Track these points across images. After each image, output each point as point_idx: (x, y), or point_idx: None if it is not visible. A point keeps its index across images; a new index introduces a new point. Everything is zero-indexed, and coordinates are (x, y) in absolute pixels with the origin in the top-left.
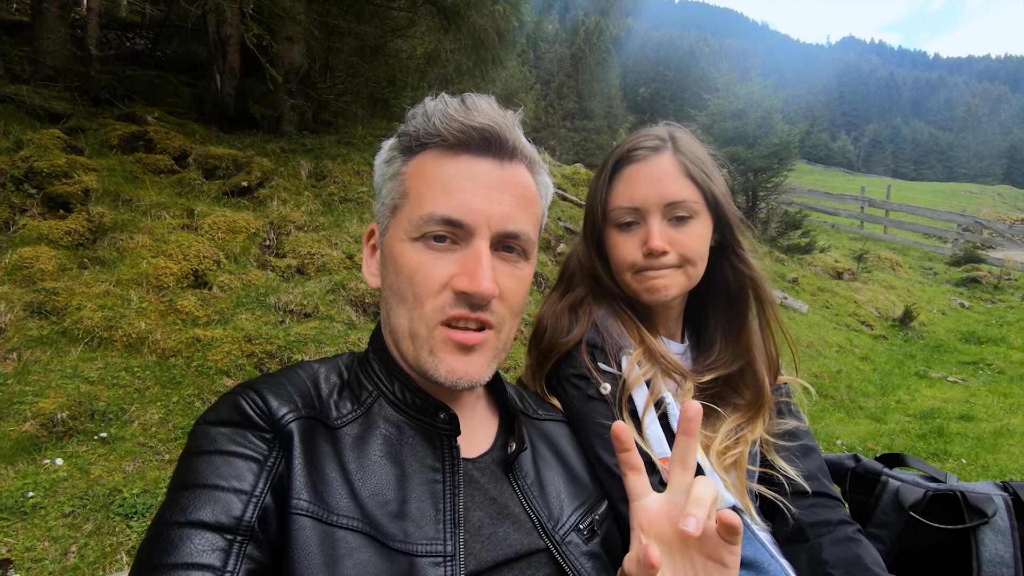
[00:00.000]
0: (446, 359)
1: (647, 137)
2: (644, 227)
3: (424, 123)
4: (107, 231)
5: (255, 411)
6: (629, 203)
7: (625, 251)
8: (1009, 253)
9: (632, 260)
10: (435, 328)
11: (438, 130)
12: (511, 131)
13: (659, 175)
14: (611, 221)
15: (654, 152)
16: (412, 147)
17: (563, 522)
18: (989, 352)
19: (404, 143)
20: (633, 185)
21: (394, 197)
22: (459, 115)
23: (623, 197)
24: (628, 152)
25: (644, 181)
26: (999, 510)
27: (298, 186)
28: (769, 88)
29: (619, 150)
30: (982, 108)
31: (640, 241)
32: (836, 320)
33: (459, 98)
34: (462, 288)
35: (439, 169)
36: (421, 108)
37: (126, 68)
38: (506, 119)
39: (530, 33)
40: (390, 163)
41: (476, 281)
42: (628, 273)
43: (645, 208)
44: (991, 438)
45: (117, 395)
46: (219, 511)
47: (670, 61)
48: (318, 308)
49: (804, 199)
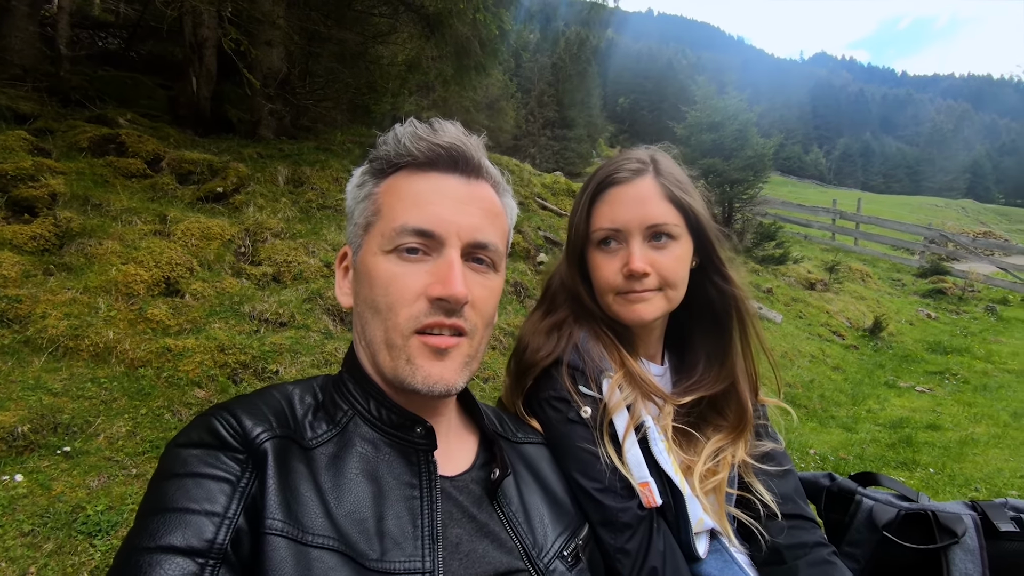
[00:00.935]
0: (423, 365)
1: (629, 160)
2: (625, 249)
3: (395, 145)
4: (75, 236)
5: (229, 432)
6: (611, 225)
7: (606, 272)
8: (972, 265)
9: (613, 282)
10: (410, 337)
11: (408, 150)
12: (477, 151)
13: (641, 198)
14: (593, 242)
15: (636, 175)
16: (384, 169)
17: (547, 549)
18: (954, 362)
19: (376, 167)
20: (615, 207)
21: (367, 216)
22: (427, 135)
23: (605, 219)
24: (610, 175)
25: (626, 203)
26: (968, 530)
27: (275, 192)
28: (745, 102)
29: (601, 172)
30: (947, 125)
31: (621, 263)
32: (809, 330)
33: (427, 122)
34: (436, 294)
35: (410, 185)
36: (391, 134)
37: (98, 69)
38: (471, 140)
39: (512, 43)
40: (362, 187)
41: (449, 285)
42: (610, 295)
43: (627, 230)
44: (957, 447)
45: (82, 407)
46: (190, 535)
47: (649, 73)
48: (294, 317)
49: (778, 211)
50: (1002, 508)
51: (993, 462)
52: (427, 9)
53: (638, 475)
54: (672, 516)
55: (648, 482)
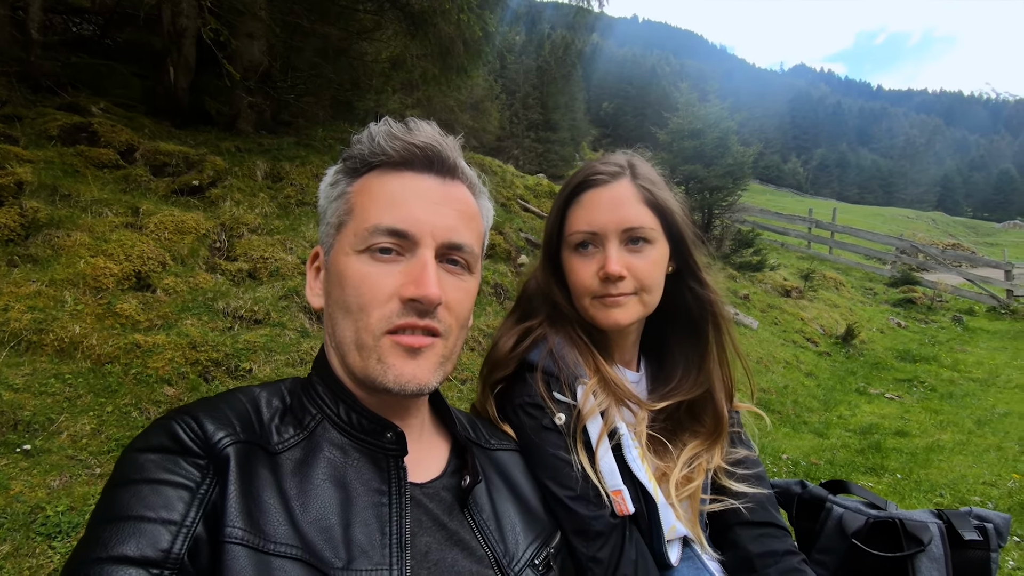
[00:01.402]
0: (394, 364)
1: (606, 163)
2: (602, 252)
3: (369, 144)
4: (41, 227)
5: (189, 436)
6: (588, 227)
7: (583, 275)
8: (941, 276)
9: (589, 285)
10: (381, 337)
11: (383, 149)
12: (452, 151)
13: (617, 200)
14: (569, 245)
15: (613, 178)
16: (358, 168)
17: (519, 557)
18: (922, 370)
19: (350, 166)
20: (591, 210)
21: (339, 215)
22: (402, 135)
23: (582, 221)
24: (587, 177)
25: (602, 206)
26: (934, 538)
27: (253, 187)
28: (726, 110)
29: (578, 175)
30: (919, 139)
31: (598, 266)
32: (784, 336)
33: (402, 121)
34: (409, 295)
35: (384, 185)
36: (366, 132)
37: (71, 55)
38: (447, 141)
39: (497, 44)
40: (335, 186)
41: (423, 286)
42: (586, 298)
43: (603, 233)
44: (923, 453)
45: (45, 404)
46: (144, 544)
47: (633, 78)
48: (269, 315)
49: (756, 218)
50: (966, 517)
51: (958, 468)
52: (412, 7)
53: (611, 483)
54: (645, 524)
55: (621, 490)
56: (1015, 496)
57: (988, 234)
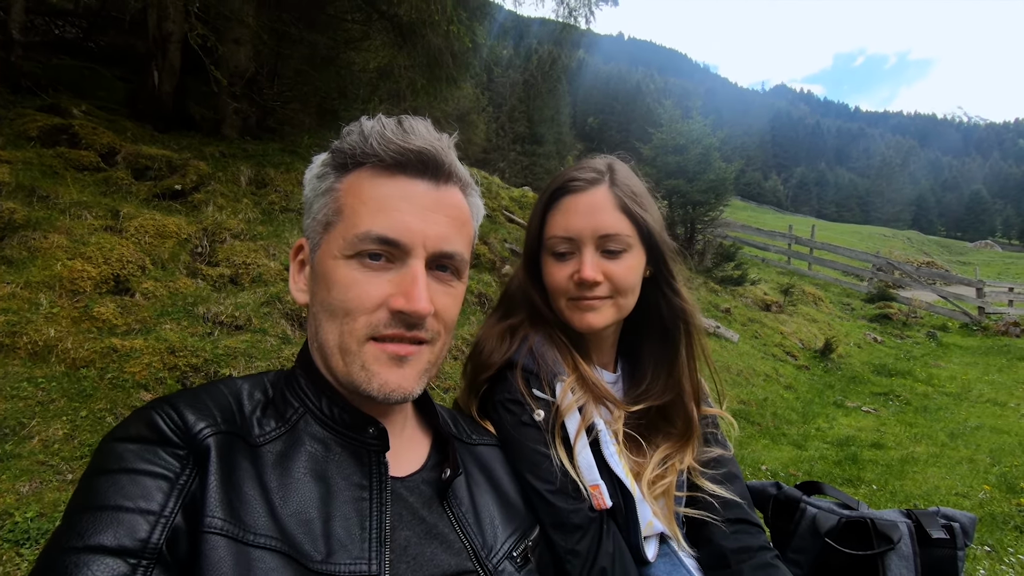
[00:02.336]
0: (379, 372)
1: (585, 169)
2: (578, 257)
3: (360, 142)
4: (17, 228)
5: (169, 426)
6: (565, 233)
7: (558, 279)
8: (916, 293)
9: (565, 288)
10: (366, 343)
11: (375, 150)
12: (447, 154)
13: (594, 207)
14: (547, 249)
15: (591, 184)
16: (346, 164)
17: (497, 549)
18: (898, 384)
19: (338, 159)
20: (569, 215)
21: (327, 213)
22: (397, 137)
23: (559, 227)
24: (566, 183)
25: (579, 212)
26: (903, 537)
27: (236, 192)
28: (709, 127)
29: (557, 180)
30: (895, 159)
31: (573, 270)
32: (764, 350)
33: (396, 119)
34: (398, 307)
35: (375, 188)
36: (357, 127)
37: (53, 57)
38: (442, 142)
39: (485, 57)
40: (322, 178)
41: (413, 300)
42: (562, 300)
43: (580, 239)
44: (898, 465)
45: (16, 408)
46: (122, 534)
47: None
48: (251, 320)
49: (738, 233)
50: (934, 516)
51: (931, 480)
52: (401, 18)
53: (589, 477)
54: (622, 519)
55: (599, 484)
56: (986, 507)
57: (960, 253)
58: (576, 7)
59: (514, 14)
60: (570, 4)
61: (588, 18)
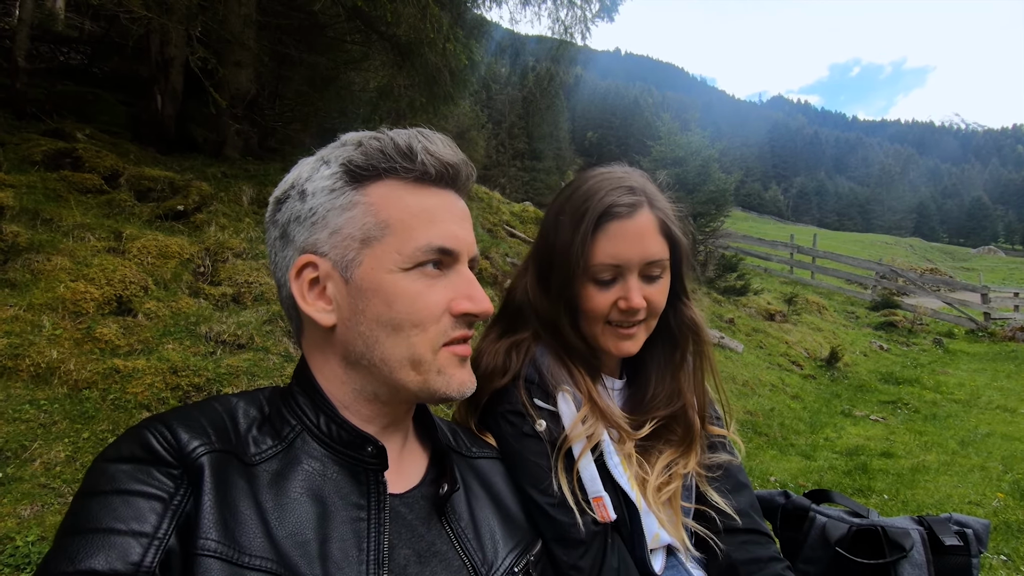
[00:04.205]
0: (455, 374)
1: (621, 190)
2: (621, 283)
3: (395, 154)
4: (21, 251)
5: (162, 445)
6: (612, 260)
7: (600, 305)
8: (920, 300)
9: (605, 314)
10: (439, 350)
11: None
12: (472, 172)
13: (642, 234)
14: (590, 276)
15: (635, 209)
16: (363, 175)
17: (497, 565)
18: (906, 392)
19: (355, 172)
20: (617, 242)
21: (365, 228)
22: (437, 151)
23: (605, 254)
24: (609, 207)
25: (628, 239)
26: (916, 544)
27: (238, 212)
28: (707, 139)
29: (597, 203)
30: (894, 167)
31: (616, 297)
32: (769, 360)
33: (419, 132)
34: (465, 310)
35: (420, 201)
36: (368, 138)
37: (58, 83)
38: (466, 157)
39: (483, 74)
40: (338, 192)
41: (478, 302)
42: (599, 325)
43: (627, 266)
44: (909, 474)
45: (18, 430)
46: (114, 557)
47: (616, 109)
48: (253, 339)
49: (740, 244)
50: (947, 523)
51: (943, 488)
52: (399, 38)
53: (592, 489)
54: (627, 531)
55: (602, 496)
56: (1000, 515)
57: (964, 259)
58: (571, 24)
59: (511, 32)
60: (565, 21)
61: (584, 34)
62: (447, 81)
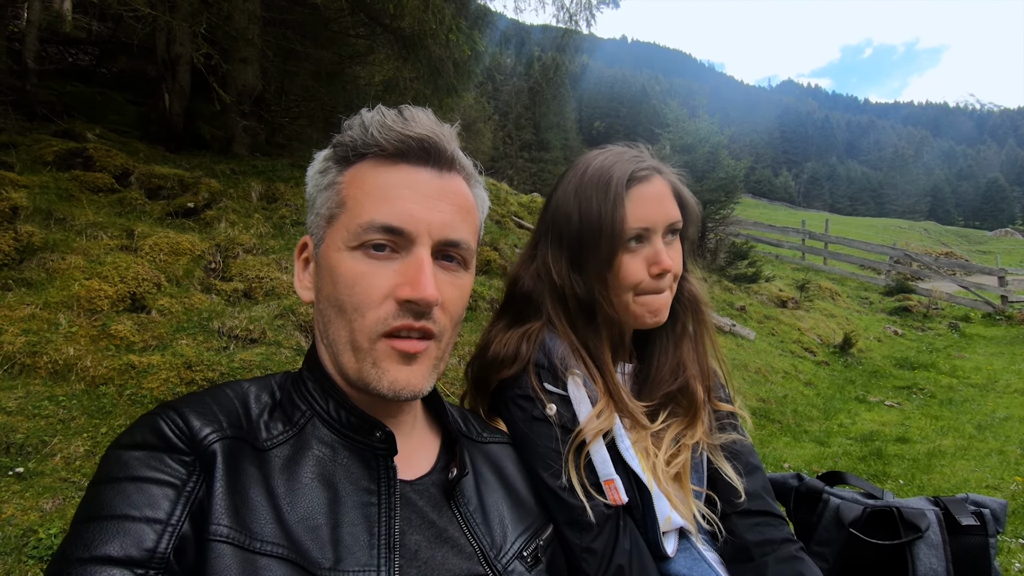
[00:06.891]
0: (389, 370)
1: (637, 159)
2: (649, 248)
3: (361, 133)
4: (36, 251)
5: (175, 432)
6: (641, 223)
7: (634, 272)
8: (935, 284)
9: (639, 280)
10: (377, 340)
11: (376, 140)
12: (449, 142)
13: (661, 196)
14: (623, 244)
15: (653, 172)
16: (348, 157)
17: (506, 549)
18: (921, 377)
19: (340, 153)
20: (644, 204)
21: (330, 207)
22: (397, 125)
23: (635, 218)
24: (632, 172)
25: (653, 201)
26: (931, 525)
27: (248, 208)
28: (716, 125)
29: (620, 172)
30: (908, 150)
31: (646, 261)
32: (782, 347)
33: (396, 109)
34: (405, 296)
35: (378, 177)
36: (358, 119)
37: (67, 84)
38: (444, 130)
39: (487, 65)
40: (324, 173)
41: (419, 288)
42: (629, 294)
43: (654, 228)
44: (925, 459)
45: (38, 426)
46: (129, 544)
47: (623, 97)
48: (265, 333)
49: (750, 231)
50: (963, 503)
51: (960, 473)
52: (403, 30)
53: (603, 472)
54: (639, 514)
55: (614, 479)
56: (1019, 499)
57: (980, 242)
58: (576, 11)
59: (515, 21)
60: (570, 8)
61: (589, 21)
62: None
